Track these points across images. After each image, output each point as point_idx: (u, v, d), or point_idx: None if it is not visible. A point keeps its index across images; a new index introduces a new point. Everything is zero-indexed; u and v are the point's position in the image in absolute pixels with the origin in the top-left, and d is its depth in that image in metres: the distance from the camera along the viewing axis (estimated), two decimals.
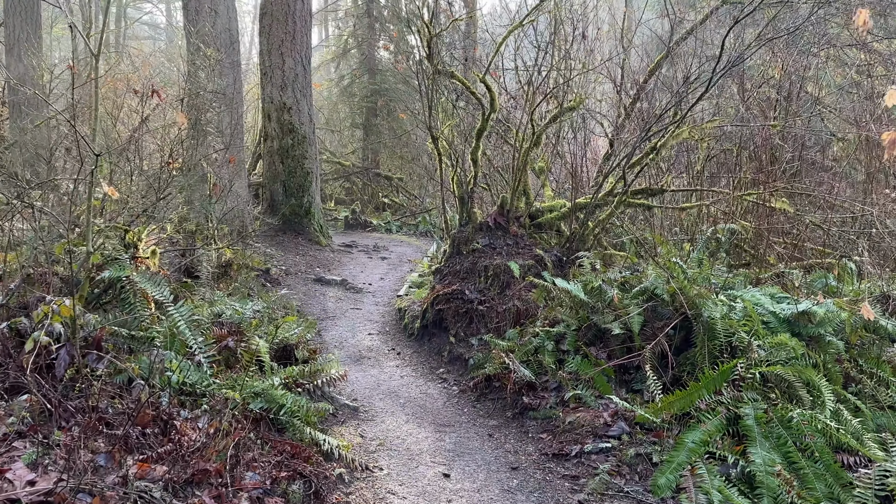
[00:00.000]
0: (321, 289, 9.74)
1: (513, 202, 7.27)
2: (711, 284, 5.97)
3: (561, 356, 5.52)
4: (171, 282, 5.39)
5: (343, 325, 8.08)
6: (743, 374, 4.73)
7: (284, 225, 12.45)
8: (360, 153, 19.86)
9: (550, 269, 6.84)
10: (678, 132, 6.45)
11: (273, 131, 12.60)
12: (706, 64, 6.83)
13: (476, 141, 7.13)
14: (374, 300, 9.42)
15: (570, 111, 7.50)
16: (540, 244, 7.15)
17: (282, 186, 12.59)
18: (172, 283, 5.57)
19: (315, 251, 12.06)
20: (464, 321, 6.68)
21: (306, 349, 5.40)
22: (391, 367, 6.64)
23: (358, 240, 14.10)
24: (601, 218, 6.97)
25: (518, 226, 7.25)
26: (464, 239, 7.20)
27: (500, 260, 6.86)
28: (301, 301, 8.94)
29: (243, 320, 5.28)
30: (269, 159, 12.72)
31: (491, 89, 6.90)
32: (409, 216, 16.47)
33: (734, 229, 7.38)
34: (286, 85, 12.48)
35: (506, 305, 6.51)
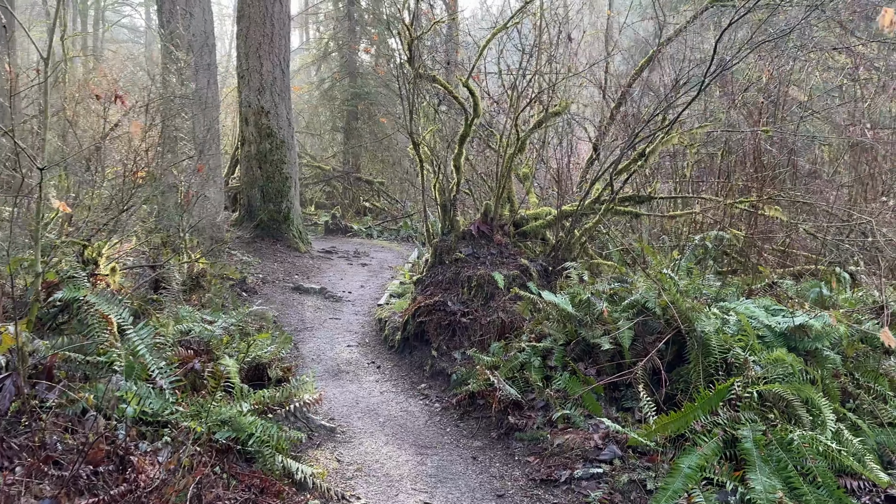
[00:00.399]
0: (299, 298, 9.40)
1: (497, 210, 7.01)
2: (703, 296, 5.75)
3: (548, 372, 5.26)
4: (134, 299, 5.05)
5: (321, 337, 7.76)
6: (740, 393, 4.50)
7: (262, 231, 12.08)
8: (340, 157, 19.52)
9: (536, 279, 6.58)
10: (667, 138, 6.23)
11: (251, 136, 12.24)
12: (695, 68, 6.62)
13: (459, 147, 6.85)
14: (354, 309, 9.10)
15: (556, 116, 7.25)
16: (525, 253, 6.90)
17: (260, 192, 12.22)
18: (137, 300, 5.23)
19: (294, 258, 11.71)
20: (446, 334, 6.40)
21: (280, 368, 5.08)
22: (371, 383, 6.33)
23: (338, 245, 13.77)
24: (588, 226, 6.73)
25: (502, 234, 6.99)
26: (446, 248, 6.92)
27: (483, 270, 6.60)
28: (278, 311, 8.60)
29: (213, 338, 4.95)
30: (246, 164, 12.35)
31: (474, 94, 6.64)
32: (391, 221, 16.17)
33: (721, 236, 7.18)
34: (264, 88, 12.12)
35: (490, 318, 6.24)
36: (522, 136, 6.95)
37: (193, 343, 4.83)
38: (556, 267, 6.64)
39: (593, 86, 9.69)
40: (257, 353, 4.99)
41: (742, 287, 6.07)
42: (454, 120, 7.66)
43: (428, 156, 7.14)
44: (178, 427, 3.69)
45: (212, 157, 10.57)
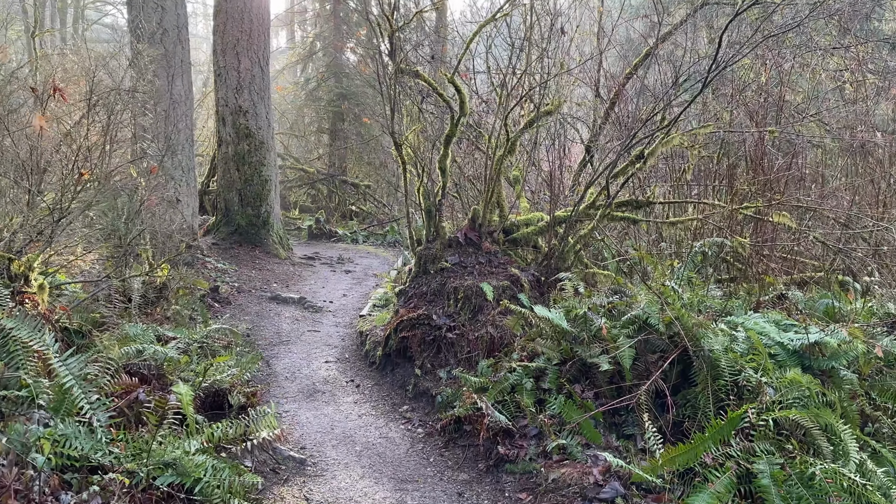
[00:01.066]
0: (276, 308, 8.85)
1: (485, 215, 6.51)
2: (708, 310, 5.27)
3: (541, 395, 4.75)
4: (72, 319, 4.49)
5: (297, 352, 7.21)
6: (754, 420, 4.02)
7: (240, 237, 11.52)
8: (326, 159, 18.95)
9: (527, 290, 6.08)
10: (668, 139, 5.76)
11: (228, 136, 11.67)
12: (695, 65, 6.15)
13: (444, 148, 6.35)
14: (335, 321, 8.56)
15: (547, 115, 6.76)
16: (515, 262, 6.40)
17: (237, 195, 11.66)
18: (79, 319, 4.67)
19: (273, 265, 11.15)
20: (431, 350, 5.88)
21: (243, 393, 4.54)
22: (348, 404, 5.80)
23: (321, 251, 13.22)
24: (582, 233, 6.24)
25: (491, 241, 6.49)
26: (431, 257, 6.41)
27: (471, 280, 6.09)
28: (252, 324, 8.05)
29: (167, 360, 4.40)
30: (223, 166, 11.78)
31: (461, 91, 6.13)
32: (377, 225, 15.63)
33: (722, 243, 6.72)
34: (242, 87, 11.56)
35: (478, 333, 5.73)
36: (512, 136, 6.45)
37: (143, 367, 4.28)
38: (550, 277, 6.14)
39: (586, 85, 9.22)
40: (216, 376, 4.44)
41: (748, 299, 5.59)
42: (439, 119, 7.15)
43: (411, 157, 6.63)
44: (114, 469, 3.15)
45: (185, 159, 10.01)
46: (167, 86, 9.78)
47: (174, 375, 4.42)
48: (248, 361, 5.13)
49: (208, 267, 9.84)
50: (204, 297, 8.15)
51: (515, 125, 6.97)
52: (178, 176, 9.95)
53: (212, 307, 8.16)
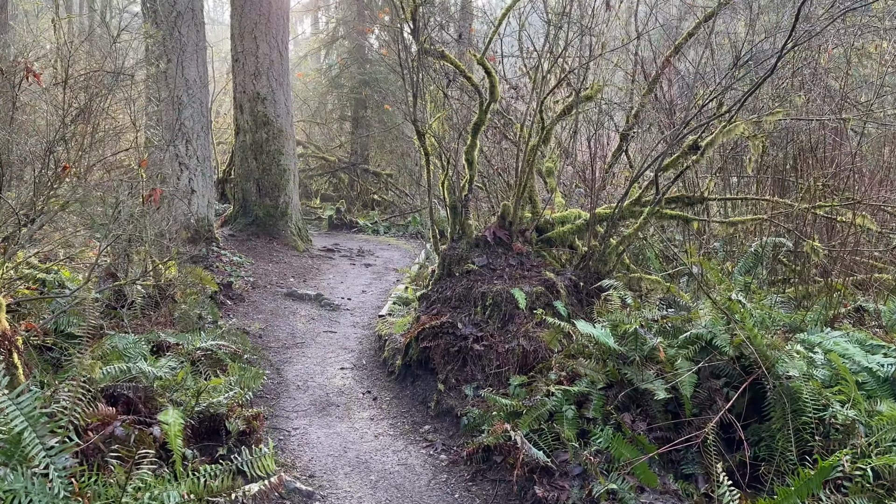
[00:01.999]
0: (292, 305, 8.23)
1: (516, 212, 5.78)
2: (777, 326, 4.50)
3: (585, 426, 4.05)
4: (45, 336, 3.88)
5: (312, 356, 6.58)
6: (848, 469, 3.28)
7: (258, 228, 10.92)
8: (348, 147, 18.30)
9: (564, 297, 5.36)
10: (731, 127, 4.97)
11: (246, 124, 11.05)
12: (761, 42, 5.33)
13: (472, 137, 5.62)
14: (353, 320, 7.92)
15: (587, 101, 5.99)
16: (550, 264, 5.67)
17: (255, 185, 11.05)
18: (53, 338, 4.06)
19: (291, 257, 10.55)
20: (455, 363, 5.20)
21: (242, 417, 3.90)
22: (364, 421, 5.15)
23: (341, 242, 12.60)
24: (627, 233, 5.49)
25: (523, 241, 5.77)
26: (456, 257, 5.71)
27: (500, 285, 5.38)
28: (266, 323, 7.44)
29: (157, 380, 3.78)
30: (241, 155, 11.16)
31: (491, 73, 5.40)
32: (398, 216, 14.96)
33: (780, 243, 5.92)
34: (260, 73, 10.91)
35: (509, 345, 5.03)
36: (548, 123, 5.70)
37: (129, 389, 3.66)
38: (589, 282, 5.42)
39: (622, 69, 8.40)
40: (213, 399, 3.81)
41: (821, 311, 4.81)
42: (466, 106, 6.41)
43: (435, 148, 5.91)
44: None
45: (201, 147, 9.41)
46: (179, 70, 9.16)
47: (165, 397, 3.80)
48: (251, 378, 4.49)
49: (223, 260, 9.25)
50: (216, 295, 7.56)
51: (551, 112, 6.21)
52: (193, 165, 9.35)
53: (223, 305, 7.57)
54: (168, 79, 9.12)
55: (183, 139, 9.25)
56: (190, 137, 9.30)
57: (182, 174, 9.27)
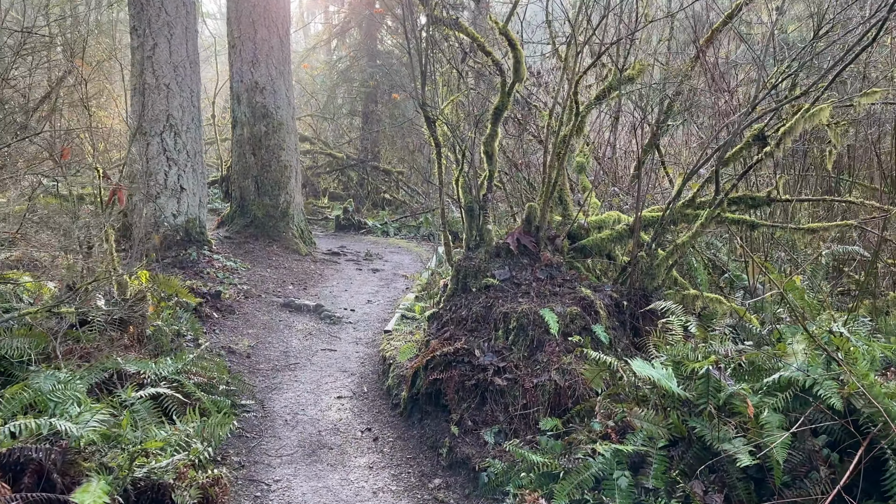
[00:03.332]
0: (288, 318, 7.33)
1: (544, 215, 4.82)
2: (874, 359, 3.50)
3: (642, 497, 3.09)
4: None
5: (305, 381, 5.67)
6: None
7: (256, 230, 10.04)
8: (357, 143, 17.40)
9: (604, 320, 4.40)
10: (815, 111, 3.98)
11: (243, 116, 10.16)
12: (846, 9, 4.32)
13: (492, 125, 4.67)
14: (355, 335, 7.00)
15: (629, 82, 5.01)
16: (586, 278, 4.71)
17: (253, 183, 10.16)
18: None
19: (292, 262, 9.65)
20: (472, 399, 4.26)
21: (196, 486, 2.98)
22: (361, 470, 4.22)
23: (348, 245, 11.69)
24: (680, 241, 4.51)
25: (553, 250, 4.81)
26: (473, 269, 4.76)
27: (527, 304, 4.42)
28: (257, 339, 6.54)
29: (84, 439, 2.87)
30: (238, 150, 10.28)
31: (516, 46, 4.45)
32: (409, 216, 14.03)
33: (854, 251, 4.92)
34: (258, 60, 10.02)
35: (537, 379, 4.08)
36: (583, 109, 4.74)
37: (42, 452, 2.75)
38: (634, 301, 4.45)
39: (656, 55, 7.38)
40: (153, 464, 2.89)
41: None
42: (482, 90, 5.46)
43: (448, 138, 4.97)
44: None
45: (191, 141, 8.53)
46: (166, 53, 8.29)
47: (94, 460, 2.89)
48: (215, 426, 3.57)
49: (215, 266, 8.38)
50: (200, 307, 6.67)
51: (582, 95, 5.23)
52: (183, 161, 8.48)
53: (208, 319, 6.67)
54: (154, 63, 8.25)
55: (171, 131, 8.39)
56: (179, 129, 8.43)
57: (170, 170, 8.41)
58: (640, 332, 4.54)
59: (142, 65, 8.27)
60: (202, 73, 9.69)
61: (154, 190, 8.35)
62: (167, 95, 8.32)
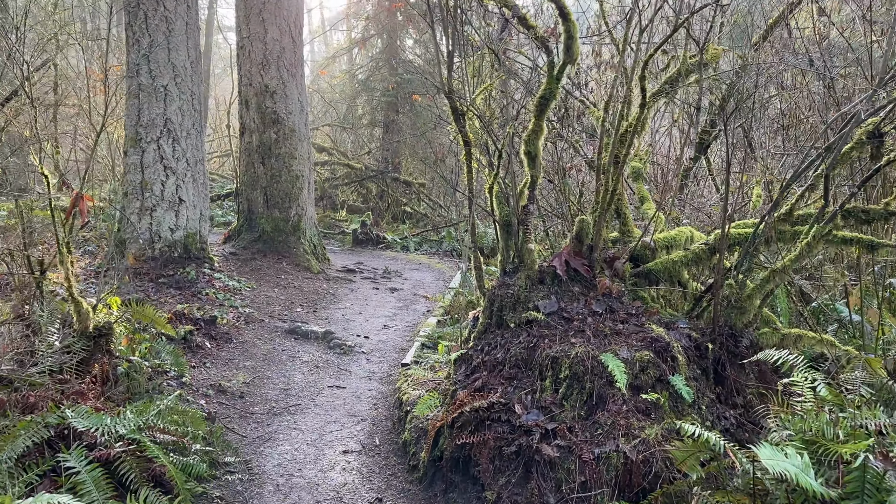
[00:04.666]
0: (293, 347, 6.38)
1: (599, 232, 3.82)
2: None
3: None
4: None
5: (306, 428, 4.70)
6: None
7: (265, 245, 9.15)
8: (378, 154, 16.55)
9: (684, 367, 3.37)
10: None
11: (252, 123, 9.32)
12: None
13: (535, 118, 3.70)
14: (369, 368, 6.03)
15: (703, 68, 4.00)
16: (655, 312, 3.69)
17: (262, 194, 9.30)
18: None
19: (302, 280, 8.74)
20: (512, 471, 3.25)
21: None
22: None
23: (365, 261, 10.77)
24: (779, 265, 3.47)
25: (612, 275, 3.80)
26: (510, 300, 3.77)
27: (582, 345, 3.42)
28: (254, 373, 5.60)
29: None
30: (247, 159, 9.44)
31: (568, 16, 3.47)
32: (431, 230, 13.08)
33: None
34: (268, 62, 9.19)
35: (600, 449, 3.06)
36: (649, 97, 3.74)
37: None
38: (720, 343, 3.42)
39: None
40: None
41: None
42: (518, 74, 4.48)
43: (479, 135, 4.00)
44: None
45: (191, 148, 7.69)
46: (164, 53, 7.47)
47: None
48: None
49: (215, 286, 7.49)
50: (190, 336, 5.75)
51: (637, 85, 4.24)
52: (182, 170, 7.64)
53: (200, 350, 5.75)
54: (151, 63, 7.44)
55: (169, 138, 7.55)
56: (178, 136, 7.59)
57: (167, 180, 7.56)
58: (726, 382, 3.51)
59: (137, 65, 7.46)
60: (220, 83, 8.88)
61: (150, 202, 7.50)
62: (165, 98, 7.49)
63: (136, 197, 7.51)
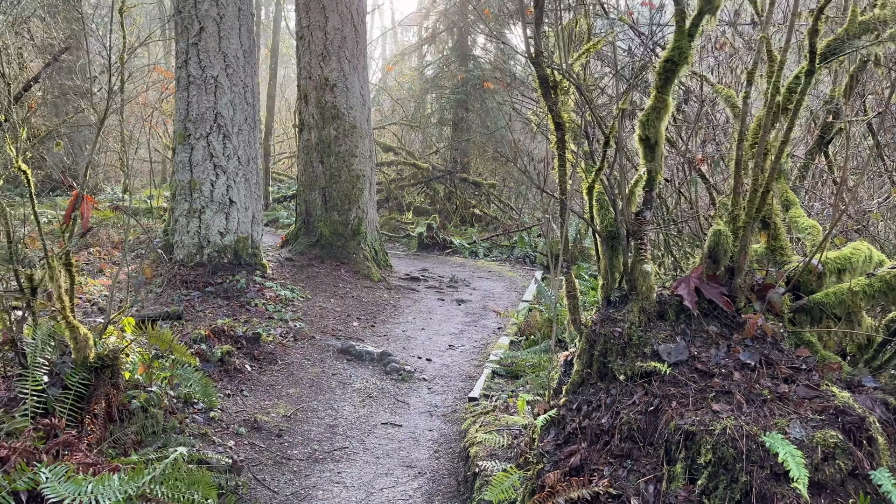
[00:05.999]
0: (345, 371, 5.51)
1: (744, 249, 2.71)
2: None
3: None
4: None
5: (351, 483, 3.79)
6: None
7: (322, 251, 8.38)
8: (446, 153, 15.65)
9: (885, 454, 2.23)
10: None
11: (311, 119, 8.58)
12: None
13: (658, 92, 2.63)
14: (430, 401, 5.07)
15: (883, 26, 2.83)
16: (837, 367, 2.54)
17: (321, 195, 8.53)
18: None
19: (361, 290, 7.91)
20: None
21: None
22: None
23: (430, 267, 9.86)
24: None
25: (763, 309, 2.69)
26: (618, 341, 2.71)
27: (729, 415, 2.33)
28: (297, 404, 4.74)
29: None
30: (305, 158, 8.70)
31: None
32: (502, 235, 12.04)
33: None
34: (329, 53, 8.41)
35: None
36: (819, 62, 2.61)
37: None
38: None
39: None
40: None
41: None
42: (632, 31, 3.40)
43: (573, 121, 2.97)
44: None
45: (243, 144, 6.99)
46: (215, 42, 6.78)
47: None
48: None
49: (266, 295, 6.74)
50: (227, 358, 4.97)
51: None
52: (233, 168, 6.94)
53: (238, 374, 4.96)
54: (200, 52, 6.76)
55: (219, 134, 6.86)
56: (229, 131, 6.89)
57: (217, 180, 6.87)
58: None
59: (186, 54, 6.80)
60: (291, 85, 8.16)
61: (198, 203, 6.83)
62: (215, 91, 6.81)
63: (184, 198, 6.86)
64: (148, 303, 6.18)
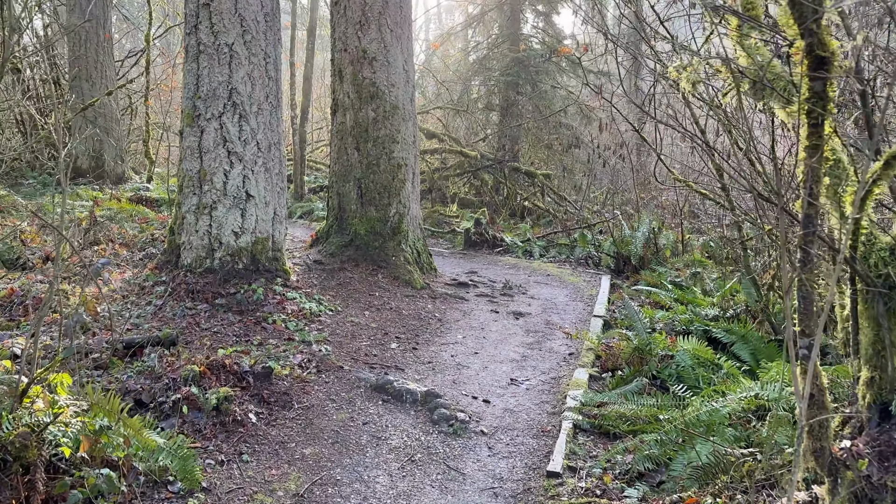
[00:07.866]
0: (379, 418, 4.20)
1: None
2: None
3: None
4: None
5: None
6: None
7: (356, 251, 7.09)
8: (494, 141, 14.20)
9: None
10: None
11: (346, 98, 7.26)
12: None
13: None
14: (492, 470, 3.72)
15: None
16: None
17: (356, 188, 7.23)
18: None
19: (402, 299, 6.60)
20: None
21: None
22: None
23: (480, 269, 8.49)
24: None
25: None
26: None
27: None
28: (314, 472, 3.46)
29: None
30: (338, 144, 7.40)
31: None
32: (560, 232, 10.57)
33: None
34: (368, 21, 7.06)
35: None
36: None
37: None
38: None
39: None
40: None
41: None
42: None
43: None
44: None
45: (263, 126, 5.73)
46: (231, 4, 5.50)
47: None
48: None
49: (287, 309, 5.49)
50: (225, 404, 3.71)
51: None
52: (250, 156, 5.68)
53: (239, 428, 3.69)
54: (212, 14, 5.50)
55: (234, 114, 5.60)
56: (246, 111, 5.63)
57: (232, 169, 5.62)
58: None
59: (196, 16, 5.55)
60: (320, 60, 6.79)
61: (209, 197, 5.61)
62: (230, 62, 5.54)
63: (192, 191, 5.64)
64: (143, 320, 4.99)
